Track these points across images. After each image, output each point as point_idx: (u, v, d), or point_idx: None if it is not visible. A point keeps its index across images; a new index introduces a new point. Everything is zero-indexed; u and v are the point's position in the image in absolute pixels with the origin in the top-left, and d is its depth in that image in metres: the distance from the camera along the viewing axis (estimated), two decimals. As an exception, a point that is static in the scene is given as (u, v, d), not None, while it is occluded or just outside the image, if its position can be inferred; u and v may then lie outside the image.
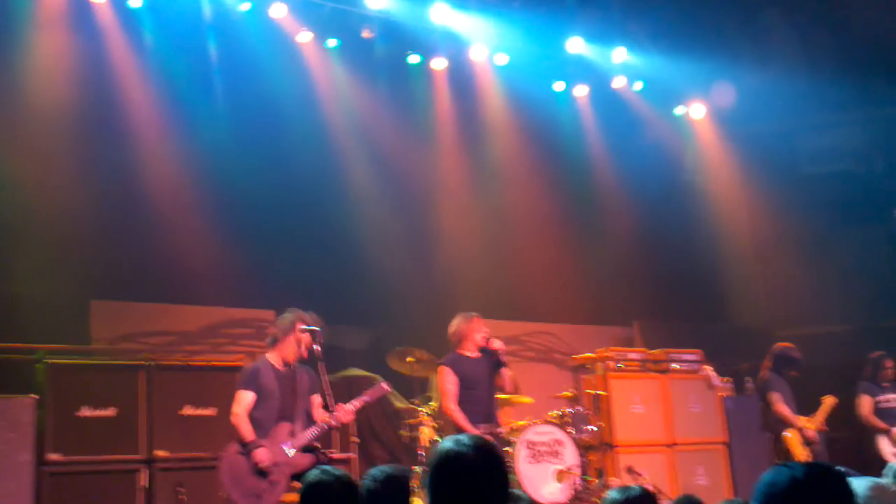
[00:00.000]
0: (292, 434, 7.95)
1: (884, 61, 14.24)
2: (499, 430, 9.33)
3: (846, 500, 3.17)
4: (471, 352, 9.26)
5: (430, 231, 12.98)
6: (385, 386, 8.71)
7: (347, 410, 8.14)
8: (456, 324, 9.39)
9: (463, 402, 9.03)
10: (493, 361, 9.20)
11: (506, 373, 9.31)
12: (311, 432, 8.05)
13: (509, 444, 9.39)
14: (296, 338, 8.17)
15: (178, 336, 10.82)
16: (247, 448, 7.76)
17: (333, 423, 8.11)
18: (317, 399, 8.25)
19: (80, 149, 10.45)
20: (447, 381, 9.09)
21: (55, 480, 8.52)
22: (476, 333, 9.27)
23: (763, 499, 3.15)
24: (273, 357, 8.18)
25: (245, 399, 7.95)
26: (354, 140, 12.56)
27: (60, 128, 10.34)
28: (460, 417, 8.90)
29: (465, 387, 9.08)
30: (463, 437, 3.25)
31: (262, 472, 7.70)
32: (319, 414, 8.17)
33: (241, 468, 7.72)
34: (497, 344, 9.20)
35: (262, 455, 7.71)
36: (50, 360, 8.84)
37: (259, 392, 7.96)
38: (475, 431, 8.56)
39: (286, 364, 8.16)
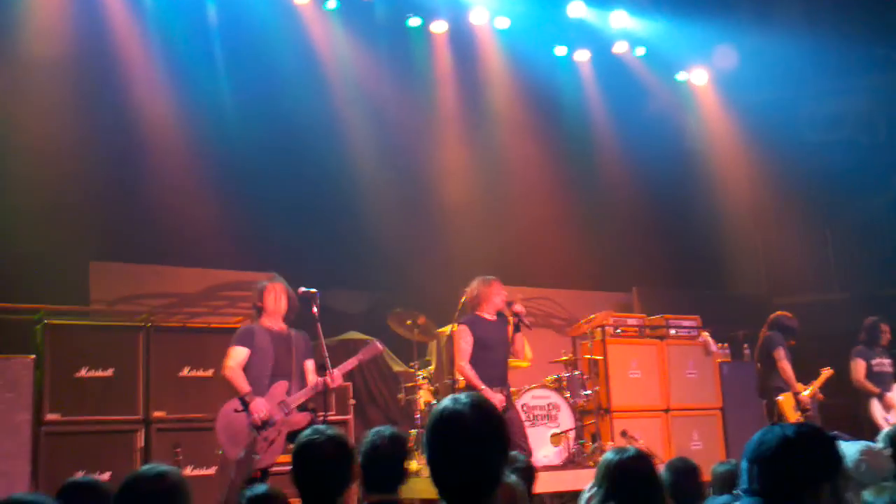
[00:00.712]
0: (289, 392, 7.95)
1: (887, 27, 14.16)
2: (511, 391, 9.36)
3: (834, 461, 3.22)
4: (488, 314, 9.22)
5: (430, 195, 12.98)
6: (379, 345, 8.63)
7: (339, 374, 8.13)
8: (475, 286, 9.27)
9: (478, 364, 8.88)
10: (514, 324, 9.17)
11: (519, 338, 9.26)
12: (307, 391, 8.05)
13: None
14: (273, 295, 8.12)
15: (177, 298, 10.85)
16: (243, 400, 7.73)
17: (328, 384, 8.09)
18: (310, 364, 8.23)
19: (80, 111, 10.42)
20: (463, 340, 8.95)
21: (53, 440, 8.56)
22: (495, 297, 9.19)
23: (753, 456, 3.20)
24: (265, 320, 8.16)
25: (238, 354, 7.93)
26: (354, 103, 12.52)
27: (60, 90, 10.32)
28: (472, 375, 8.79)
29: (482, 348, 8.94)
30: (461, 396, 3.22)
31: (258, 428, 7.70)
32: (313, 377, 8.17)
33: (238, 425, 7.70)
34: (519, 307, 9.17)
35: (259, 406, 7.69)
36: (49, 321, 8.87)
37: (253, 350, 7.95)
38: (487, 390, 8.58)
39: (281, 326, 8.15)
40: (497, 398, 8.59)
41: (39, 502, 3.89)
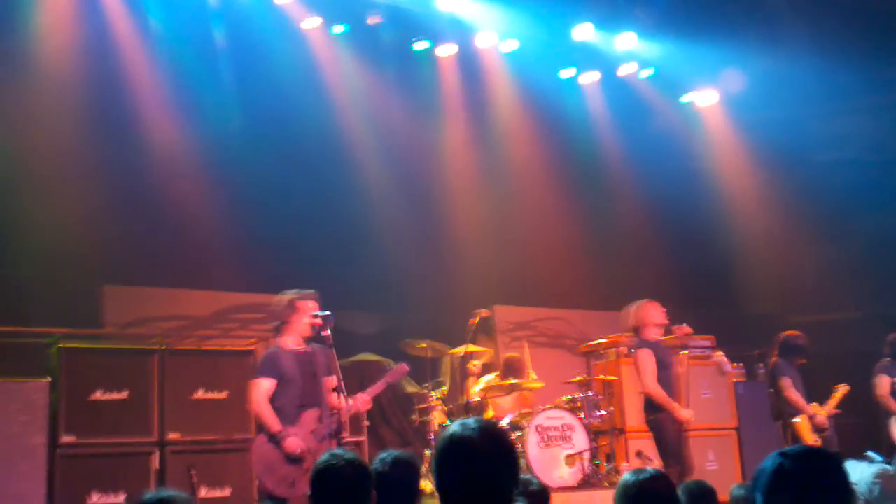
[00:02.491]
0: (320, 420, 7.76)
1: (893, 49, 14.18)
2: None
3: (842, 486, 3.13)
4: (654, 335, 9.30)
5: (441, 217, 12.99)
6: (405, 367, 8.55)
7: (368, 398, 8.07)
8: (632, 312, 9.41)
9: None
10: (679, 346, 9.25)
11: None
12: (337, 419, 7.93)
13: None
14: (300, 314, 7.89)
15: (190, 321, 10.84)
16: (276, 438, 7.57)
17: (357, 408, 8.04)
18: (331, 381, 8.12)
19: (92, 134, 10.45)
20: (648, 363, 9.10)
21: (68, 463, 8.56)
22: (654, 316, 9.33)
23: (763, 486, 3.13)
24: (286, 341, 7.92)
25: (263, 387, 7.73)
26: (363, 126, 12.54)
27: (71, 114, 10.34)
28: (664, 395, 8.97)
29: (660, 369, 9.13)
30: (470, 421, 3.20)
31: (295, 460, 7.51)
32: (335, 399, 7.93)
33: (273, 456, 7.52)
34: (685, 329, 9.24)
35: (294, 444, 7.52)
36: (63, 344, 8.86)
37: (280, 379, 7.74)
38: (676, 407, 8.90)
39: (302, 344, 7.90)
40: (686, 413, 8.94)
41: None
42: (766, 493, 3.07)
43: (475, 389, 10.64)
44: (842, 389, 11.10)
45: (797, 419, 10.73)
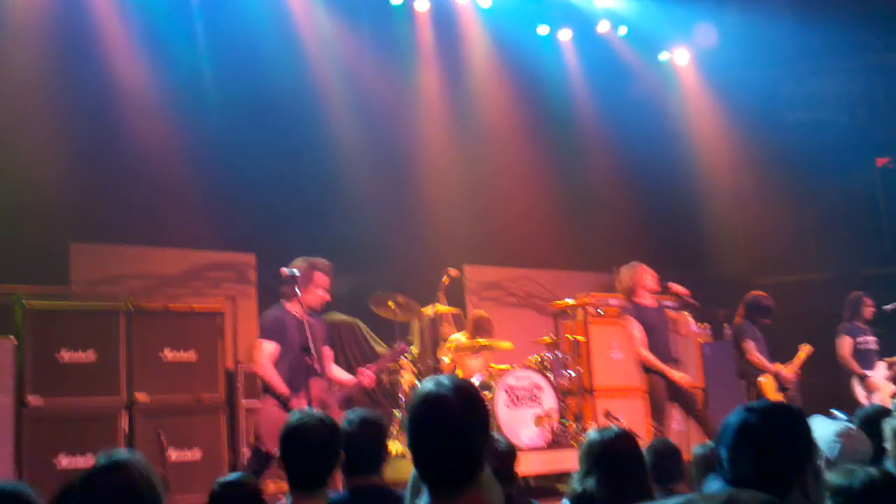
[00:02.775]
0: (325, 390, 7.76)
1: (868, 9, 14.18)
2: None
3: (805, 440, 3.19)
4: (646, 299, 9.45)
5: (412, 176, 12.90)
6: (404, 345, 8.63)
7: (369, 376, 8.09)
8: (624, 275, 9.59)
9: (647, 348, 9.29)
10: (677, 305, 9.33)
11: (683, 315, 9.49)
12: (346, 390, 7.99)
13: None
14: (314, 285, 7.94)
15: (159, 279, 10.78)
16: (283, 401, 7.56)
17: (365, 384, 8.09)
18: (329, 352, 8.13)
19: (59, 91, 10.27)
20: (634, 329, 9.36)
21: (35, 423, 8.53)
22: (645, 279, 9.49)
23: (728, 440, 3.17)
24: (294, 307, 7.85)
25: (268, 350, 7.71)
26: (336, 83, 12.40)
27: (37, 69, 10.16)
28: (653, 358, 9.23)
29: (648, 333, 9.33)
30: (443, 379, 3.14)
31: None
32: (336, 371, 8.13)
33: (279, 420, 7.53)
34: (679, 288, 9.33)
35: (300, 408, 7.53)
36: (29, 303, 8.81)
37: (283, 344, 7.73)
38: (668, 370, 9.21)
39: (308, 313, 7.79)
40: (677, 375, 9.19)
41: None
42: (732, 448, 3.14)
43: (444, 350, 10.68)
44: (805, 350, 11.23)
45: (762, 378, 10.86)
